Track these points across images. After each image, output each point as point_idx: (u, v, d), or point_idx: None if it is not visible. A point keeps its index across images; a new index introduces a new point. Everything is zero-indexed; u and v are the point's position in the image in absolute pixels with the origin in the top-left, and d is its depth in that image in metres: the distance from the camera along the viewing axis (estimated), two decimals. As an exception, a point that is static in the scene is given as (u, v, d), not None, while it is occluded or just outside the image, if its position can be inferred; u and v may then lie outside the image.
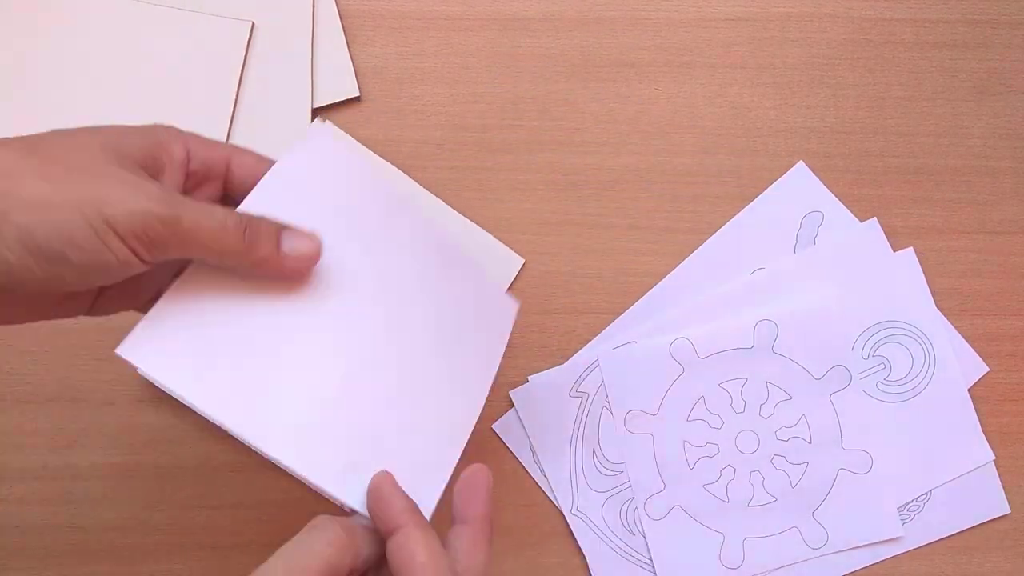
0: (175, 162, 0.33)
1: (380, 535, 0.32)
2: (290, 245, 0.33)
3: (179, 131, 0.34)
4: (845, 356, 0.48)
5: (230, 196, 0.35)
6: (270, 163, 0.35)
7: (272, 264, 0.32)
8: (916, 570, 0.48)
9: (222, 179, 0.35)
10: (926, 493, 0.49)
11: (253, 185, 0.34)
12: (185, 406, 0.31)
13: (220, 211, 0.31)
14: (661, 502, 0.48)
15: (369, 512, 0.32)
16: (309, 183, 0.35)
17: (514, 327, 0.48)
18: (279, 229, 0.33)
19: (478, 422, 0.37)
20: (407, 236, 0.37)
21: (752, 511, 0.48)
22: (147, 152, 0.32)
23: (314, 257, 0.33)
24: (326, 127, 0.37)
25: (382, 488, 0.32)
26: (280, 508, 0.47)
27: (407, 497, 0.32)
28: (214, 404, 0.31)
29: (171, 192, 0.30)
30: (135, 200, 0.29)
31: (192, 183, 0.34)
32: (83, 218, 0.28)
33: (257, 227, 0.32)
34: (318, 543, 0.30)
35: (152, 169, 0.32)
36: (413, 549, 0.30)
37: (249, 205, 0.33)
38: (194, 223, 0.30)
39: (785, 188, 0.50)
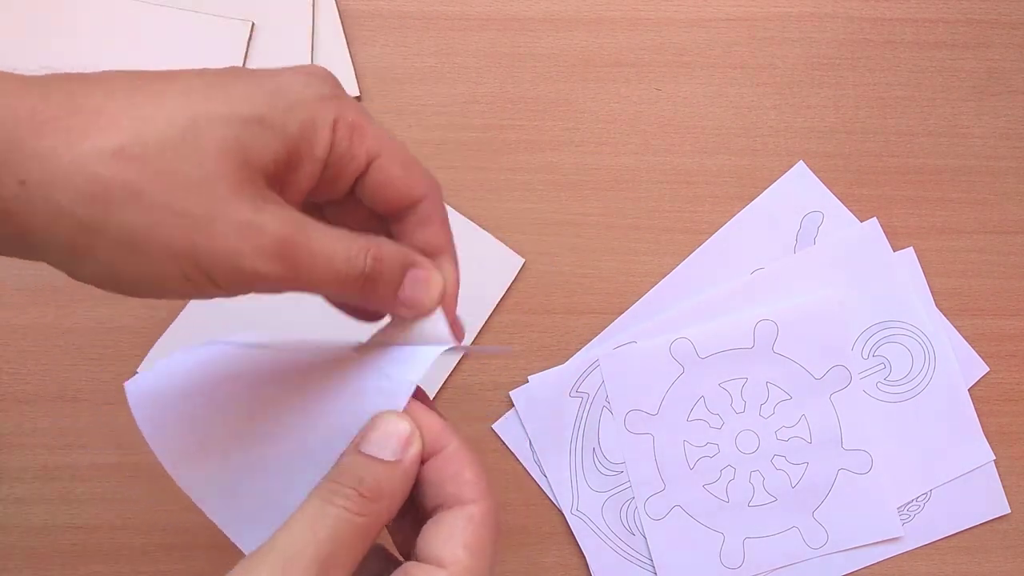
0: (314, 158, 0.27)
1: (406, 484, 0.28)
2: (409, 294, 0.29)
3: (337, 104, 0.27)
4: (845, 356, 0.48)
5: (356, 196, 0.30)
6: (423, 182, 0.30)
7: (385, 306, 0.29)
8: (916, 570, 0.48)
9: (355, 177, 0.29)
10: (926, 493, 0.49)
11: (389, 199, 0.29)
12: None
13: (342, 245, 0.27)
14: (661, 502, 0.48)
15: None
16: None
17: (512, 325, 0.49)
18: (405, 267, 0.29)
19: (478, 421, 0.36)
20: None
21: (752, 511, 0.48)
22: (282, 155, 0.26)
23: (430, 307, 0.30)
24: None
25: (417, 410, 0.29)
26: (280, 508, 0.47)
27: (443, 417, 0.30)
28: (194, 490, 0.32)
29: (291, 228, 0.26)
30: (243, 254, 0.25)
31: (324, 176, 0.28)
32: (178, 269, 0.25)
33: (380, 268, 0.28)
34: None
35: (284, 171, 0.27)
36: (461, 465, 0.28)
37: None
38: (309, 268, 0.26)
39: (785, 188, 0.50)
